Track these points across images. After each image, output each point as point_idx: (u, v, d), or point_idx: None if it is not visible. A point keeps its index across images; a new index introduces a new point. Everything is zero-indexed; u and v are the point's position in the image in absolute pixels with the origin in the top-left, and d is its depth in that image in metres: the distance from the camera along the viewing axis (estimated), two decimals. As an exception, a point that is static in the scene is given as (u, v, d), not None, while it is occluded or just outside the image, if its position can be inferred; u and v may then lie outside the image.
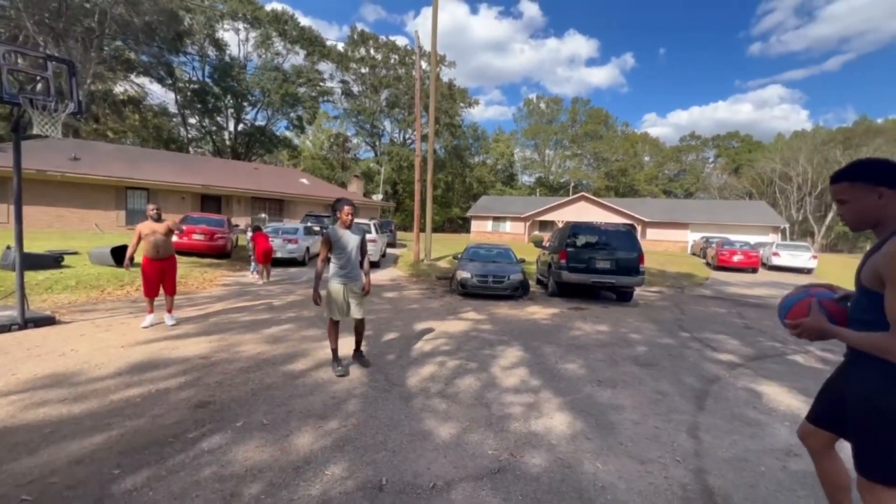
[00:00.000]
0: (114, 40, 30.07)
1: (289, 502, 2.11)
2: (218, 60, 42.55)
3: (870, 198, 1.50)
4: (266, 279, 10.26)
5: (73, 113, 5.17)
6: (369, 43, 53.85)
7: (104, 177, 18.35)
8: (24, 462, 2.36)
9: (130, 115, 37.59)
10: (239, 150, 46.20)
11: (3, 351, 4.24)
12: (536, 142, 74.13)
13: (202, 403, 3.23)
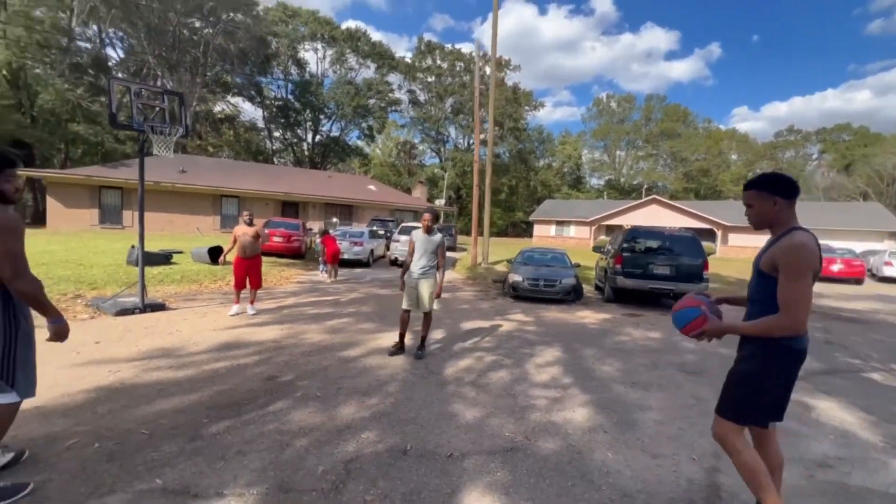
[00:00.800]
0: (214, 66, 34.28)
1: (328, 455, 2.58)
2: (299, 78, 46.61)
3: (768, 204, 1.91)
4: (333, 278, 11.23)
5: (182, 135, 6.29)
6: (435, 53, 55.53)
7: (204, 187, 21.11)
8: (143, 409, 3.10)
9: (226, 132, 42.51)
10: (316, 159, 50.02)
11: (128, 329, 5.31)
12: (606, 143, 71.06)
13: (271, 377, 3.87)
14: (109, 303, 6.27)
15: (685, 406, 3.70)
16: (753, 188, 1.95)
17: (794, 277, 1.74)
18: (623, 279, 9.02)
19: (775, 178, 1.92)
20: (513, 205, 62.37)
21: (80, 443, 2.58)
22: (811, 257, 1.75)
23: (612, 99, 72.51)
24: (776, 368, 1.85)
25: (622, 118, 70.25)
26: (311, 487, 2.25)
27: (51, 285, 7.27)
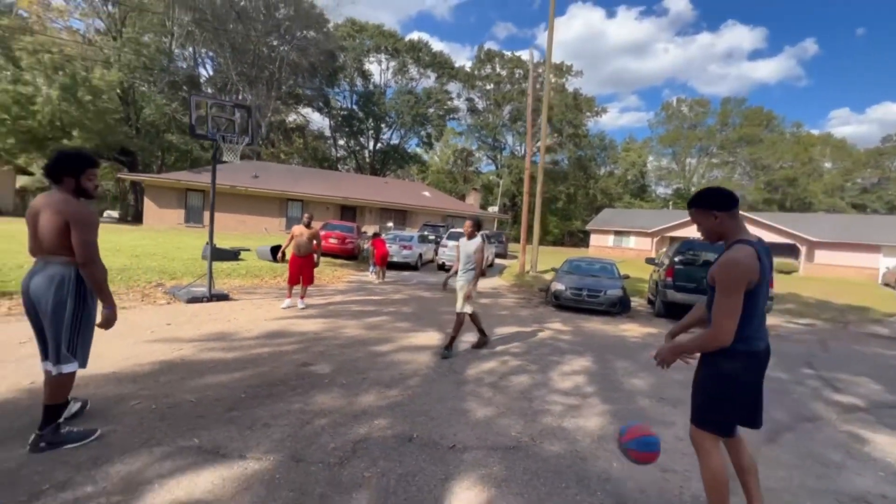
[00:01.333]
0: (287, 80, 37.17)
1: (341, 435, 2.82)
2: (363, 89, 49.08)
3: (709, 220, 1.98)
4: (381, 279, 11.73)
5: (248, 143, 7.02)
6: (495, 60, 55.78)
7: (273, 191, 22.94)
8: (195, 381, 3.56)
9: (297, 140, 45.79)
10: (376, 166, 52.21)
11: (195, 314, 6.01)
12: (675, 149, 66.89)
13: (305, 364, 4.23)
14: (183, 291, 7.11)
15: (714, 426, 3.50)
16: (692, 206, 2.06)
17: (724, 293, 1.83)
18: (673, 293, 8.55)
19: (710, 193, 2.02)
20: (570, 213, 60.64)
21: (141, 404, 3.04)
22: (743, 271, 1.80)
23: (683, 103, 68.18)
24: (725, 372, 1.91)
25: (694, 123, 65.76)
26: (319, 460, 2.49)
27: (139, 274, 8.38)
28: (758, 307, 1.89)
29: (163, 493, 2.08)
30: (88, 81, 21.77)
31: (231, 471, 2.31)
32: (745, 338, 1.88)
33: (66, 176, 2.38)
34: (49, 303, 2.31)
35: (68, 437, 2.43)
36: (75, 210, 2.32)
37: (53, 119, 20.79)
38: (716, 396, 1.95)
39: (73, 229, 2.29)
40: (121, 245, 12.34)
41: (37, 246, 2.37)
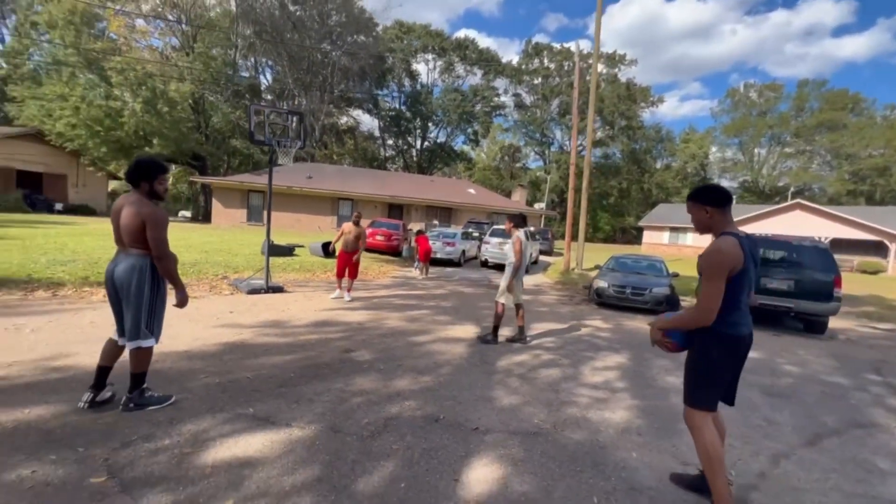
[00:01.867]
0: (339, 85, 38.79)
1: (374, 412, 3.10)
2: (411, 89, 50.04)
3: (701, 213, 2.20)
4: (425, 275, 12.08)
5: (300, 147, 7.58)
6: (543, 54, 54.66)
7: (325, 190, 24.15)
8: (252, 361, 4.01)
9: (348, 141, 47.66)
10: (423, 164, 53.09)
11: (254, 304, 6.63)
12: (742, 139, 61.95)
13: (348, 350, 4.59)
14: (244, 283, 7.83)
15: (751, 426, 3.42)
16: (690, 199, 2.26)
17: (708, 278, 2.05)
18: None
19: (706, 190, 2.23)
20: (622, 209, 58.19)
21: (207, 378, 3.51)
22: (725, 259, 2.01)
23: (751, 88, 62.86)
24: (711, 354, 2.15)
25: (764, 110, 60.43)
26: (353, 432, 2.78)
27: (208, 268, 9.28)
28: (742, 294, 2.10)
29: (223, 450, 2.46)
30: (165, 94, 24.15)
31: (278, 436, 2.66)
32: (731, 323, 2.09)
33: (142, 180, 2.76)
34: (130, 288, 2.71)
35: (150, 400, 2.90)
36: (149, 211, 2.70)
37: (137, 129, 23.30)
38: (704, 376, 2.18)
39: (148, 228, 2.68)
40: (192, 242, 13.66)
41: (119, 239, 2.79)
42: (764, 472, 2.72)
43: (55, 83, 23.07)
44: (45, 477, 2.08)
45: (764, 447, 3.06)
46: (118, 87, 23.20)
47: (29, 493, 1.96)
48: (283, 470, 2.30)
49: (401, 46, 46.91)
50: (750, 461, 2.85)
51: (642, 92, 54.61)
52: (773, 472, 2.73)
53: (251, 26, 31.89)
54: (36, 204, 22.08)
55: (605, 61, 54.85)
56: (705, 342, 2.16)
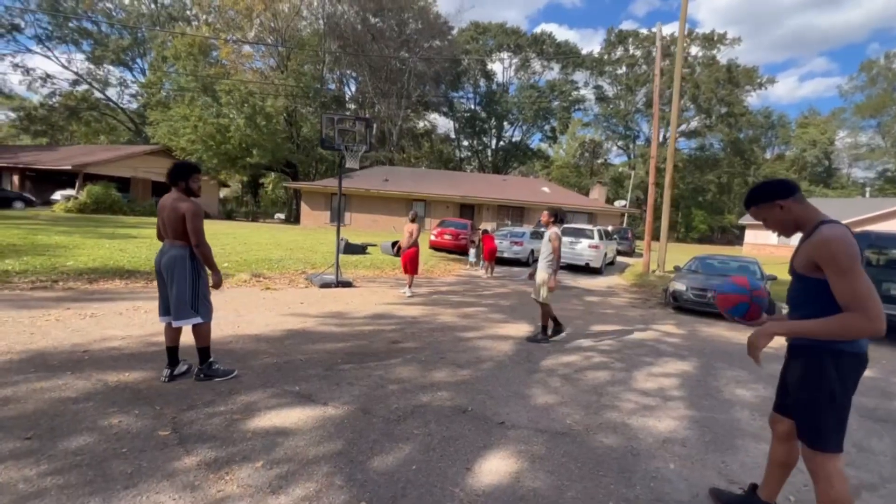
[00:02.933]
0: (415, 90, 40.20)
1: (406, 399, 3.24)
2: (486, 89, 50.09)
3: (775, 212, 1.86)
4: (490, 274, 12.08)
5: (366, 150, 8.08)
6: (627, 41, 51.24)
7: (400, 192, 25.23)
8: (309, 346, 4.41)
9: (425, 144, 49.19)
10: (498, 164, 52.83)
11: (323, 296, 7.22)
12: (881, 120, 52.01)
13: (396, 341, 4.82)
14: (318, 278, 8.54)
15: (830, 450, 2.94)
16: (752, 206, 1.94)
17: (846, 271, 1.57)
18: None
19: (765, 188, 1.90)
20: (721, 206, 52.31)
21: (268, 358, 3.94)
22: (852, 242, 1.61)
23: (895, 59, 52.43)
24: (837, 377, 1.69)
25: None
26: (381, 415, 2.94)
27: (290, 264, 10.26)
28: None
29: (266, 419, 2.77)
30: (263, 110, 27.13)
31: (314, 412, 2.91)
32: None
33: (179, 180, 3.15)
34: (174, 274, 3.10)
35: (217, 372, 3.35)
36: (188, 205, 3.09)
37: (241, 142, 26.52)
38: (833, 408, 1.72)
39: (187, 220, 3.06)
40: (280, 241, 15.19)
41: (164, 232, 3.19)
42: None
43: (179, 106, 27.20)
44: (127, 426, 2.54)
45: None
46: (226, 106, 26.67)
47: (114, 437, 2.41)
48: (311, 441, 2.52)
49: (476, 47, 47.21)
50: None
51: (747, 73, 48.54)
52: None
53: (336, 41, 34.47)
54: (165, 209, 26.22)
55: (702, 42, 49.76)
56: (820, 363, 1.71)
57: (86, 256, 8.50)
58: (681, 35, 14.59)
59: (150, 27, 37.28)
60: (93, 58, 39.15)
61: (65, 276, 6.78)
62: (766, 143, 57.91)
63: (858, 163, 55.18)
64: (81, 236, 11.88)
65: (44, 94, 40.12)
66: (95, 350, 3.82)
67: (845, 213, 27.91)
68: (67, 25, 37.08)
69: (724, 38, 48.92)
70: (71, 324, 4.54)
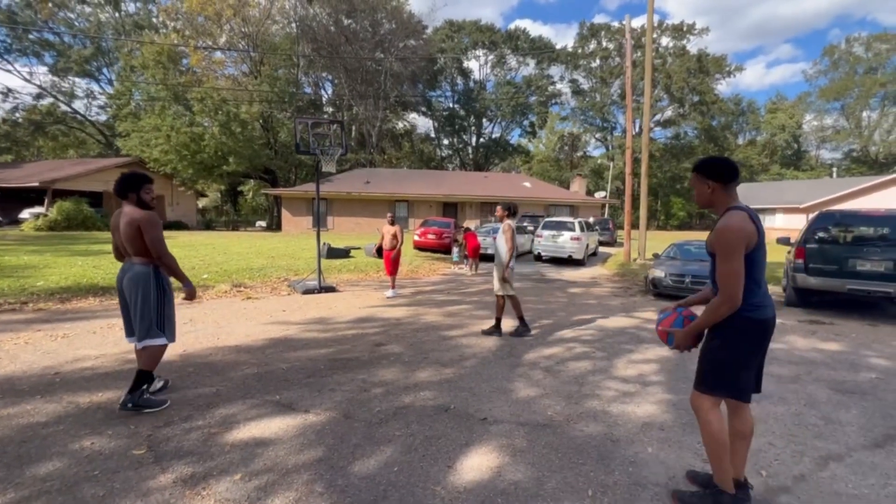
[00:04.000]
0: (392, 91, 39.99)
1: (388, 401, 3.24)
2: (464, 87, 50.14)
3: (703, 188, 2.05)
4: (474, 271, 12.12)
5: (342, 154, 8.01)
6: (600, 34, 51.85)
7: (382, 194, 25.08)
8: (290, 354, 4.36)
9: (405, 145, 48.98)
10: (479, 161, 52.94)
11: (306, 303, 7.14)
12: (844, 102, 53.87)
13: (379, 344, 4.80)
14: (300, 284, 8.44)
15: (800, 425, 3.05)
16: (694, 171, 2.10)
17: (725, 258, 1.88)
18: (805, 277, 7.20)
19: (712, 163, 2.05)
20: (698, 192, 53.36)
21: (248, 369, 3.89)
22: (739, 235, 1.85)
23: (856, 42, 54.31)
24: (737, 341, 1.97)
25: (875, 66, 51.97)
26: (363, 419, 2.93)
27: (272, 271, 10.12)
28: (762, 273, 1.95)
29: (245, 430, 2.73)
30: (238, 116, 26.63)
31: (295, 421, 2.88)
32: (755, 305, 1.93)
33: (129, 192, 2.93)
34: (138, 294, 2.89)
35: (149, 402, 2.96)
36: (141, 216, 2.86)
37: (216, 150, 25.99)
38: (730, 363, 1.98)
39: (143, 231, 2.84)
40: (262, 249, 14.96)
41: (123, 251, 2.99)
42: (804, 474, 2.42)
43: (150, 116, 26.50)
44: (99, 447, 2.48)
45: (812, 447, 2.72)
46: (199, 115, 26.09)
47: (85, 460, 2.35)
48: (291, 450, 2.50)
49: (451, 46, 47.19)
50: (789, 462, 2.55)
51: (716, 62, 49.67)
52: (815, 474, 2.42)
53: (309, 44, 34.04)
54: (141, 222, 25.53)
55: (671, 33, 50.74)
56: (726, 328, 1.97)
57: (57, 275, 8.23)
58: (649, 26, 14.84)
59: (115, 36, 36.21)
60: (56, 70, 37.86)
61: (35, 297, 6.56)
62: (737, 129, 59.34)
63: (825, 144, 57.12)
64: (53, 255, 11.50)
65: (6, 110, 38.69)
66: (67, 371, 3.71)
67: (814, 194, 28.86)
68: (27, 37, 35.77)
69: (693, 29, 49.95)
70: (41, 346, 4.40)
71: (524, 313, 5.44)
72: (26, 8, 34.20)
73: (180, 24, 32.65)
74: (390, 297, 7.77)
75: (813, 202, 27.72)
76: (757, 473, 2.41)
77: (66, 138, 41.37)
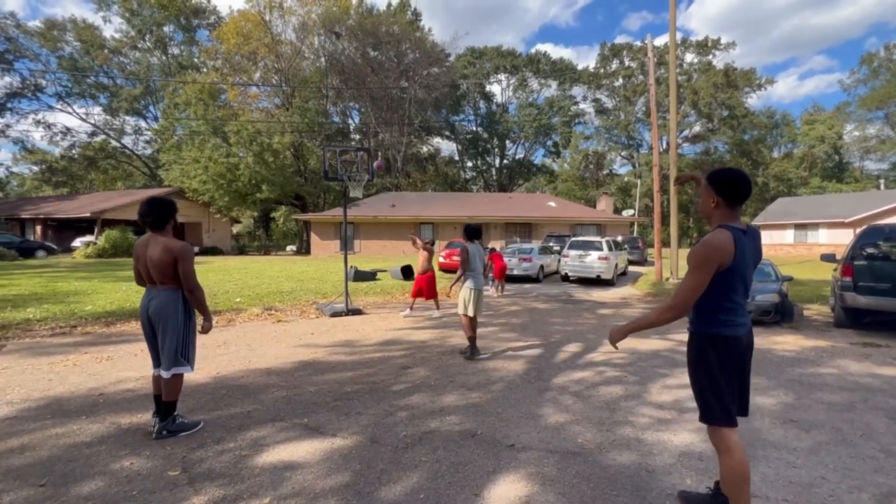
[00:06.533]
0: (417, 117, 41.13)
1: (415, 426, 3.21)
2: (486, 110, 51.01)
3: (708, 201, 1.99)
4: (500, 293, 12.02)
5: (368, 180, 8.25)
6: (622, 53, 52.01)
7: (407, 216, 25.50)
8: (318, 377, 4.42)
9: (430, 168, 49.89)
10: (503, 182, 53.21)
11: (333, 325, 7.25)
12: (888, 111, 51.29)
13: (405, 367, 4.80)
14: (328, 307, 8.60)
15: (857, 457, 2.82)
16: (707, 180, 2.02)
17: (691, 270, 1.89)
18: (855, 296, 6.76)
19: (725, 180, 1.95)
20: (732, 208, 51.47)
21: (277, 391, 3.96)
22: (710, 252, 1.84)
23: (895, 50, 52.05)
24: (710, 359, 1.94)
25: (918, 72, 49.48)
26: (390, 444, 2.92)
27: (301, 295, 10.38)
28: (734, 293, 1.91)
29: (274, 454, 2.77)
30: (271, 147, 28.00)
31: (322, 444, 2.90)
32: (722, 322, 1.92)
33: (169, 218, 2.95)
34: (166, 321, 2.88)
35: (182, 426, 3.02)
36: (180, 247, 2.86)
37: (251, 179, 27.28)
38: (710, 387, 1.96)
39: (180, 263, 2.85)
40: (291, 273, 15.39)
41: (148, 278, 2.96)
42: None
43: (191, 149, 28.24)
44: (138, 468, 2.57)
45: (871, 482, 2.50)
46: (235, 146, 27.60)
47: (125, 480, 2.44)
48: (319, 475, 2.51)
49: (473, 71, 48.38)
50: (846, 499, 2.35)
51: (745, 76, 48.67)
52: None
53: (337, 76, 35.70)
54: (181, 248, 26.87)
55: (696, 49, 50.29)
56: (698, 347, 1.99)
57: (103, 300, 8.72)
58: (672, 41, 14.78)
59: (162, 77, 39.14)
60: (109, 109, 41.10)
61: (83, 320, 6.96)
62: (771, 142, 57.37)
63: (869, 155, 54.32)
64: (100, 280, 12.22)
65: (64, 147, 42.11)
66: (110, 393, 3.89)
67: (860, 207, 27.33)
68: (85, 82, 39.16)
69: (719, 44, 49.38)
70: (88, 368, 4.64)
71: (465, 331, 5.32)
72: (85, 55, 37.60)
73: (219, 63, 35.01)
74: (437, 316, 7.89)
75: (859, 216, 26.21)
76: (783, 501, 2.24)
77: (116, 171, 44.51)
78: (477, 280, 5.40)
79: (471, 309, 5.23)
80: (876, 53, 52.83)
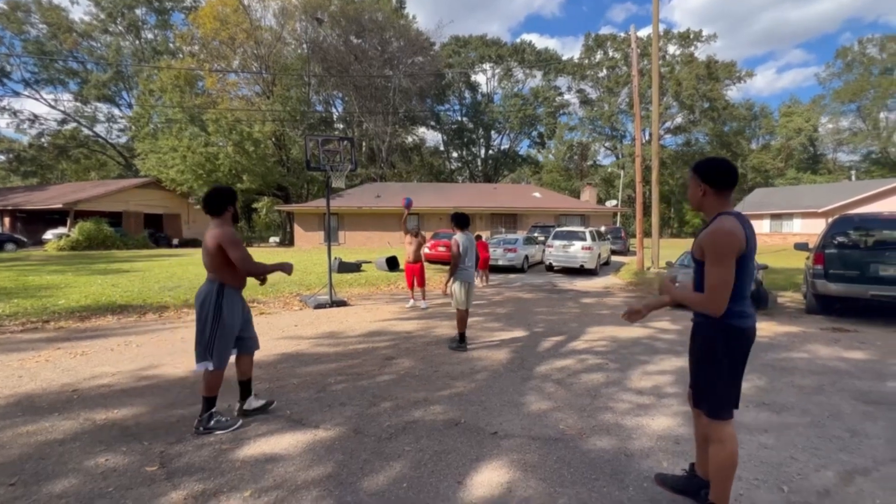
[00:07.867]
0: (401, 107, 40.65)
1: (398, 416, 3.22)
2: (471, 100, 50.72)
3: (697, 190, 2.00)
4: (485, 283, 12.07)
5: (351, 170, 8.13)
6: (606, 44, 52.19)
7: (392, 207, 25.29)
8: (302, 369, 4.38)
9: (415, 159, 49.50)
10: (489, 173, 53.20)
11: (317, 317, 7.18)
12: (860, 103, 52.84)
13: (390, 358, 4.79)
14: (312, 299, 8.51)
15: (824, 437, 2.93)
16: (691, 171, 2.05)
17: (716, 262, 1.83)
18: (825, 283, 7.00)
19: (709, 166, 1.99)
20: (712, 199, 52.63)
21: (259, 384, 3.91)
22: (731, 241, 1.80)
23: (869, 43, 53.49)
24: (724, 351, 1.93)
25: (889, 67, 51.05)
26: (373, 434, 2.92)
27: (284, 287, 10.22)
28: (748, 282, 1.91)
29: (255, 446, 2.74)
30: (251, 136, 27.34)
31: (305, 436, 2.89)
32: (738, 313, 1.89)
33: (229, 205, 2.93)
34: (200, 312, 2.88)
35: (219, 424, 2.94)
36: (221, 231, 2.82)
37: (231, 169, 26.64)
38: (724, 378, 1.95)
39: (227, 249, 2.80)
40: (275, 264, 15.15)
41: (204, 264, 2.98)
42: (828, 489, 2.33)
43: (167, 138, 27.38)
44: (113, 464, 2.51)
45: (836, 461, 2.61)
46: (214, 135, 26.86)
47: (100, 476, 2.38)
48: (300, 466, 2.50)
49: (458, 60, 47.94)
50: (812, 476, 2.45)
51: (725, 68, 49.46)
52: (840, 490, 2.32)
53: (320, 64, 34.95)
54: (158, 241, 26.21)
55: (678, 41, 50.79)
56: (712, 338, 1.94)
57: (78, 294, 8.46)
58: (654, 33, 14.87)
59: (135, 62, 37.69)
60: (80, 96, 39.45)
61: (56, 315, 6.74)
62: (750, 134, 58.61)
63: (843, 147, 55.95)
64: (74, 274, 11.83)
65: (32, 135, 40.35)
66: (85, 388, 3.79)
67: (833, 198, 28.22)
68: (54, 67, 37.45)
69: (700, 36, 49.98)
70: (61, 363, 4.50)
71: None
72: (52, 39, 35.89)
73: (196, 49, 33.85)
74: (423, 307, 7.90)
75: (832, 206, 27.09)
76: (779, 489, 2.32)
77: (88, 161, 42.90)
78: (468, 273, 5.41)
79: (466, 303, 5.26)
80: (850, 47, 54.29)
